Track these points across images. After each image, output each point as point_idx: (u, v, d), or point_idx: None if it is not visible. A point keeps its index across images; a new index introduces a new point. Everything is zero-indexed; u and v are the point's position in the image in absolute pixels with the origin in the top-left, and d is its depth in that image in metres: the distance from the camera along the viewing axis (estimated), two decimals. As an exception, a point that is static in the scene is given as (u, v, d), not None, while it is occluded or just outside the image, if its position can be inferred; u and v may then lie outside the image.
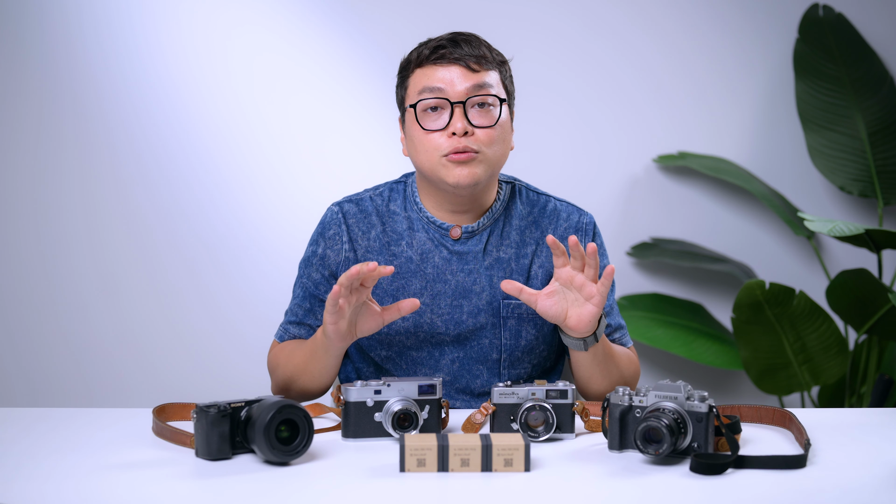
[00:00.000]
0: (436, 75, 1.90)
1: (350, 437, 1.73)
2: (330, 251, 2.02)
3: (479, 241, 1.99)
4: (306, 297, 2.04)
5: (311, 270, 2.04)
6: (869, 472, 1.59)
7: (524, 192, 2.05)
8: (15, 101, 3.27)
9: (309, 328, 2.03)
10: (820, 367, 3.04)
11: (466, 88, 1.89)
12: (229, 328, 3.32)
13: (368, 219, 2.02)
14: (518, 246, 2.01)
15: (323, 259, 2.02)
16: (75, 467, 1.60)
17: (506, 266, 1.99)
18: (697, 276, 3.47)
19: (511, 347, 2.00)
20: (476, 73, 1.90)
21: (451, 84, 1.89)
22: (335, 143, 3.34)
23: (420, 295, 1.98)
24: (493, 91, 1.91)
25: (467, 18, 3.34)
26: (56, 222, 3.29)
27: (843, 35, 3.35)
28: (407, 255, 1.99)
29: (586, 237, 2.04)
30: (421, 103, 1.90)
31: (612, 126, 3.42)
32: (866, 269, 2.90)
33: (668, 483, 1.54)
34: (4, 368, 3.31)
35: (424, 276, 1.98)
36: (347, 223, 2.02)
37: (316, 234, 2.05)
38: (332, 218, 2.03)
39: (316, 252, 2.04)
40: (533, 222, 2.03)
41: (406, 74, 1.96)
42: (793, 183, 3.45)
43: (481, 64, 1.91)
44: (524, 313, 1.99)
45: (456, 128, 1.88)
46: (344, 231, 2.01)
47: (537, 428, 1.72)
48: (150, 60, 3.27)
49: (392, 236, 2.00)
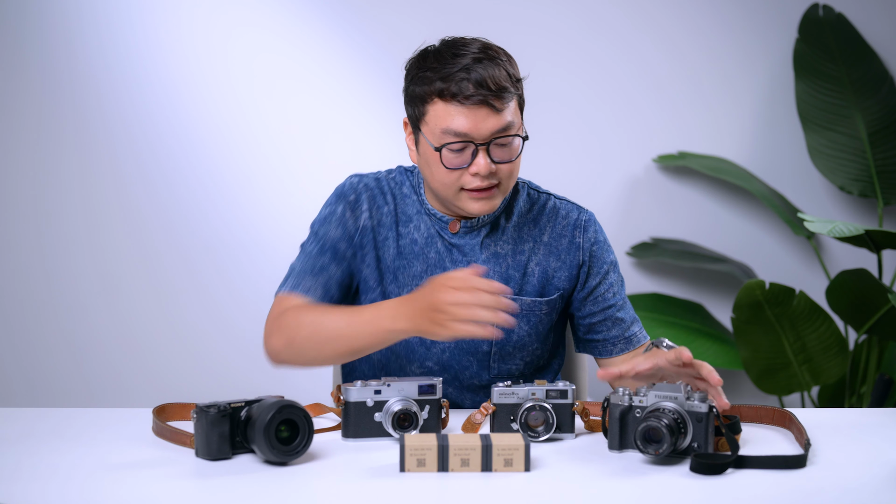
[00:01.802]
0: (461, 118, 1.86)
1: (350, 437, 1.73)
2: (350, 214, 1.99)
3: (478, 235, 1.99)
4: (324, 251, 1.98)
5: (328, 228, 1.99)
6: (869, 471, 1.59)
7: (526, 189, 2.06)
8: (15, 101, 3.27)
9: (326, 280, 1.98)
10: (820, 367, 3.04)
11: (491, 132, 1.86)
12: (229, 328, 3.32)
13: (384, 196, 2.02)
14: (515, 242, 2.01)
15: (342, 218, 1.99)
16: (75, 467, 1.60)
17: (502, 261, 1.99)
18: (697, 276, 3.47)
19: (502, 341, 2.00)
20: (499, 112, 1.87)
21: (476, 128, 1.86)
22: (335, 143, 3.34)
23: (420, 278, 1.98)
24: (514, 129, 1.89)
25: (467, 18, 3.35)
26: (56, 222, 3.29)
27: (843, 35, 3.35)
28: (413, 237, 2.00)
29: (584, 233, 2.04)
30: (447, 146, 1.87)
31: (612, 126, 3.42)
32: (866, 269, 2.90)
33: (668, 483, 1.54)
34: (4, 368, 3.31)
35: (426, 259, 1.99)
36: (370, 194, 2.01)
37: (334, 197, 2.02)
38: (352, 186, 2.02)
39: (335, 212, 2.00)
40: (532, 220, 2.03)
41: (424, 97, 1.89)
42: (793, 183, 3.45)
43: (503, 99, 1.87)
44: (518, 309, 1.99)
45: (480, 168, 1.87)
46: (365, 200, 2.00)
47: (537, 428, 1.72)
48: (149, 60, 3.27)
49: (401, 217, 2.01)
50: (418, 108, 1.91)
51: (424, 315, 1.71)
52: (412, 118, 1.94)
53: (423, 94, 1.89)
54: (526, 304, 1.99)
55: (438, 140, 1.88)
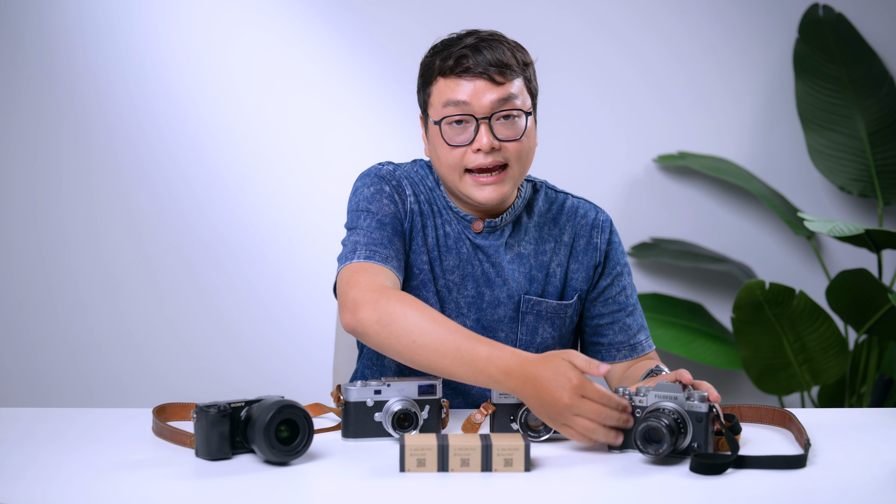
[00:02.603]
0: (460, 88, 1.86)
1: (350, 437, 1.73)
2: (398, 196, 1.93)
3: (501, 236, 1.98)
4: (384, 226, 1.87)
5: (381, 204, 1.89)
6: (869, 472, 1.59)
7: (544, 189, 2.05)
8: (15, 101, 3.27)
9: (398, 253, 1.87)
10: (820, 367, 3.04)
11: (492, 102, 1.85)
12: (229, 328, 3.32)
13: (414, 186, 1.97)
14: (537, 243, 2.00)
15: (392, 197, 1.92)
16: (75, 467, 1.60)
17: (526, 262, 1.99)
18: (697, 276, 3.47)
19: (526, 343, 1.99)
20: (500, 85, 1.86)
21: (476, 98, 1.85)
22: (335, 143, 3.34)
23: (452, 273, 1.96)
24: (517, 103, 1.87)
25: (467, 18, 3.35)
26: (56, 222, 3.29)
27: (843, 35, 3.35)
28: (445, 230, 1.97)
29: (602, 234, 2.04)
30: (446, 119, 1.87)
31: (612, 126, 3.42)
32: (866, 269, 2.90)
33: (668, 483, 1.54)
34: (4, 368, 3.31)
35: (459, 254, 1.97)
36: (409, 181, 1.96)
37: (374, 178, 1.94)
38: (390, 172, 1.96)
39: (383, 189, 1.92)
40: (552, 219, 2.03)
41: (429, 80, 1.91)
42: (793, 183, 3.45)
43: (505, 74, 1.87)
44: (543, 311, 1.98)
45: (482, 144, 1.85)
46: (407, 185, 1.95)
47: (537, 428, 1.72)
48: (149, 60, 3.28)
49: (435, 208, 1.97)
50: (425, 92, 1.92)
51: (542, 401, 1.62)
52: (422, 106, 1.94)
53: (428, 76, 1.91)
54: (551, 308, 1.99)
55: (439, 115, 1.88)
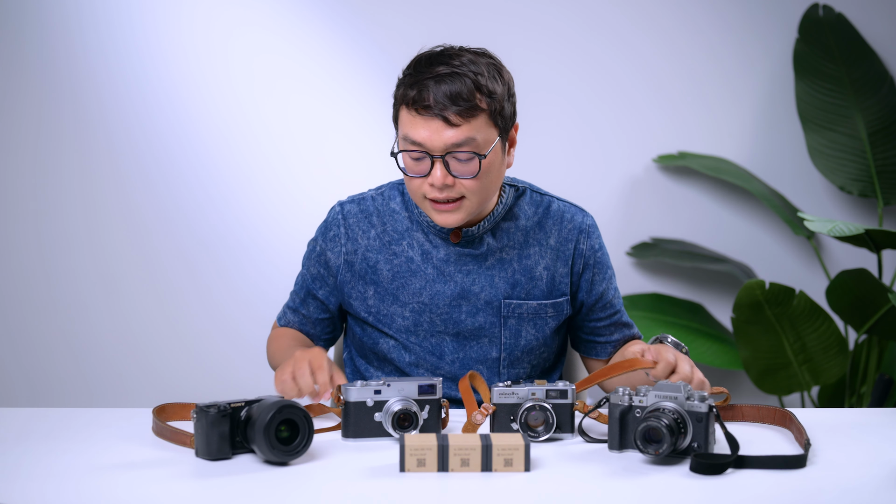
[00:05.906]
0: (416, 128, 1.86)
1: (350, 437, 1.73)
2: (330, 252, 2.05)
3: (481, 244, 1.99)
4: (303, 288, 2.09)
5: (309, 265, 2.08)
6: (869, 471, 1.59)
7: (528, 193, 2.05)
8: (15, 101, 3.27)
9: (303, 316, 2.10)
10: (820, 367, 3.04)
11: (446, 145, 1.85)
12: (229, 328, 3.33)
13: (369, 219, 2.02)
14: (521, 247, 2.01)
15: (321, 257, 2.06)
16: (75, 467, 1.60)
17: (508, 267, 1.99)
18: (697, 276, 3.47)
19: (510, 346, 2.00)
20: (457, 127, 1.85)
21: (431, 140, 1.85)
22: (335, 143, 3.34)
23: (419, 294, 1.99)
24: (471, 147, 1.86)
25: (467, 19, 3.35)
26: (56, 222, 3.29)
27: (843, 35, 3.35)
28: (408, 255, 2.00)
29: (588, 239, 2.04)
30: (404, 152, 1.89)
31: (612, 126, 3.42)
32: (866, 269, 2.90)
33: (668, 483, 1.54)
34: (4, 368, 3.31)
35: (425, 276, 1.99)
36: (348, 223, 2.03)
37: (318, 232, 2.08)
38: (333, 219, 2.06)
39: (315, 249, 2.08)
40: (537, 223, 2.03)
41: (397, 105, 1.92)
42: (793, 183, 3.45)
43: (462, 115, 1.84)
44: (524, 313, 2.00)
45: (435, 179, 1.87)
46: (343, 233, 2.03)
47: (537, 428, 1.72)
48: (150, 60, 3.27)
49: (393, 236, 2.01)
50: (395, 112, 1.93)
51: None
52: (394, 122, 1.95)
53: (397, 100, 1.92)
54: (532, 308, 2.00)
55: (400, 145, 1.91)
